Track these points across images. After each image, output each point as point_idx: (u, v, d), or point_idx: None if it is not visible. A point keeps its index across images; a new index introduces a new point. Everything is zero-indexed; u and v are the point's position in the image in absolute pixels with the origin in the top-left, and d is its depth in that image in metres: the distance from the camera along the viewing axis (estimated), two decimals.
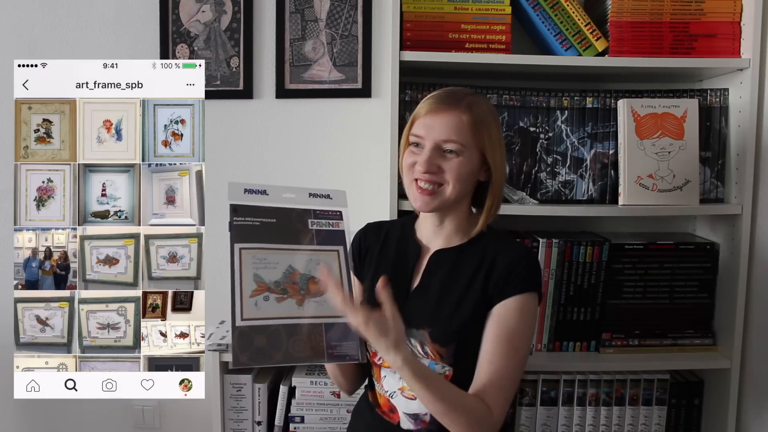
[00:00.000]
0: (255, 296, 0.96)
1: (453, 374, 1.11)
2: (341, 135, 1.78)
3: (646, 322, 1.59)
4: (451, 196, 1.12)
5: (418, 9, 1.53)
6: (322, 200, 1.09)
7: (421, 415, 1.14)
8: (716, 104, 1.61)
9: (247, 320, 0.95)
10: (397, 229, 1.26)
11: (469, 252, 1.16)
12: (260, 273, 0.98)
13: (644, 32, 1.54)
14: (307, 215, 1.06)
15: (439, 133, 1.10)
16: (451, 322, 1.10)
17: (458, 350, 1.09)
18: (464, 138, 1.10)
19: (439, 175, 1.10)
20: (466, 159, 1.11)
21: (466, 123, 1.10)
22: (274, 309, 0.97)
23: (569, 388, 1.58)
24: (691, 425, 1.64)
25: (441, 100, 1.12)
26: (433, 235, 1.19)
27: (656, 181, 1.55)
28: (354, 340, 1.01)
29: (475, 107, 1.12)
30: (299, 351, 0.97)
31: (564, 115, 1.60)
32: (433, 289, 1.15)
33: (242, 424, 1.56)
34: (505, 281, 1.09)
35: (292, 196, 1.06)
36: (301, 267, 1.02)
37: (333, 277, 0.99)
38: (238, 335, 0.93)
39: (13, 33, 1.76)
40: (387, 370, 1.16)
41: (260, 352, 0.94)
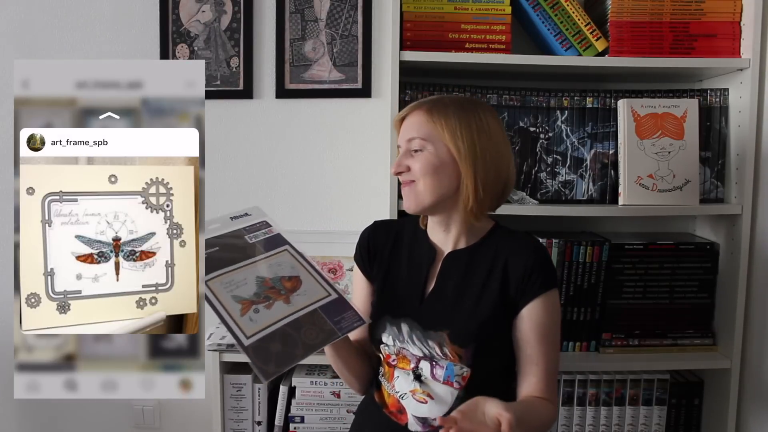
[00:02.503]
0: (245, 313, 1.00)
1: (471, 375, 1.12)
2: (341, 135, 1.78)
3: (646, 322, 1.59)
4: (424, 190, 1.13)
5: (418, 9, 1.53)
6: (244, 218, 1.16)
7: (430, 419, 1.14)
8: (716, 104, 1.61)
9: (253, 336, 0.97)
10: (408, 231, 1.26)
11: (481, 252, 1.17)
12: (237, 293, 1.02)
13: (644, 32, 1.54)
14: (241, 233, 1.13)
15: (404, 135, 1.17)
16: (470, 322, 1.11)
17: (477, 351, 1.10)
18: (424, 132, 1.13)
19: (408, 173, 1.15)
20: (429, 152, 1.13)
21: (423, 119, 1.14)
22: (269, 316, 1.01)
23: (569, 388, 1.58)
24: (691, 425, 1.64)
25: (409, 107, 1.18)
26: (444, 240, 1.20)
27: (656, 181, 1.55)
28: (350, 309, 1.07)
29: (437, 103, 1.15)
30: (314, 338, 1.00)
31: (564, 115, 1.60)
32: (449, 291, 1.16)
33: (242, 424, 1.56)
34: (526, 284, 1.12)
35: (217, 225, 1.12)
36: (267, 273, 1.07)
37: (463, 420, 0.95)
38: (253, 352, 0.96)
39: (13, 33, 1.76)
40: (400, 371, 1.17)
41: (281, 356, 0.96)
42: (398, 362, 1.17)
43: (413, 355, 1.15)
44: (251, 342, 0.96)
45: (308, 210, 1.80)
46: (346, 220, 1.80)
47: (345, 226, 1.78)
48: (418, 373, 1.15)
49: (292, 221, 1.77)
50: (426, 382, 1.14)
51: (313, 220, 1.80)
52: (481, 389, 1.09)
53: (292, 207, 1.80)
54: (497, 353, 1.15)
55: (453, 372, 1.12)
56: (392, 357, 1.18)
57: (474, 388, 1.12)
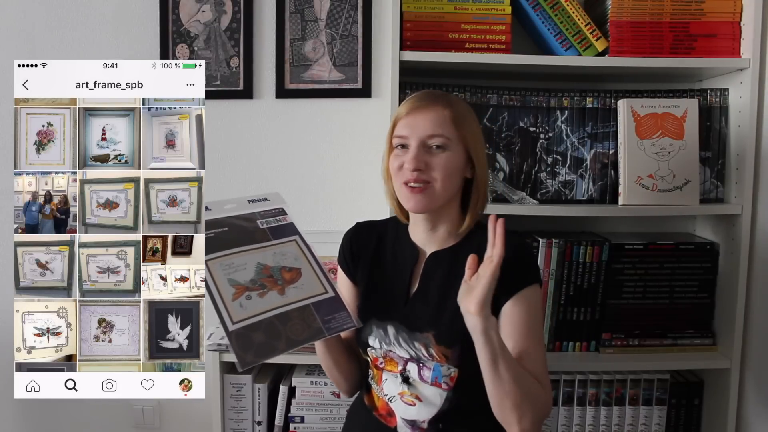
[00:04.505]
0: (237, 298, 0.98)
1: (458, 375, 1.11)
2: (341, 135, 1.78)
3: (646, 322, 1.59)
4: (441, 192, 1.11)
5: (418, 9, 1.53)
6: (262, 203, 1.15)
7: (418, 421, 1.14)
8: (716, 104, 1.61)
9: (239, 322, 0.96)
10: (390, 231, 1.25)
11: (463, 252, 1.15)
12: (233, 277, 1.01)
13: (644, 32, 1.54)
14: (254, 217, 1.12)
15: (423, 130, 1.11)
16: (455, 322, 1.10)
17: (463, 350, 1.09)
18: (449, 132, 1.11)
19: (427, 172, 1.10)
20: (452, 153, 1.11)
21: (448, 117, 1.11)
22: (260, 304, 0.99)
23: (569, 388, 1.58)
24: (691, 425, 1.64)
25: (420, 99, 1.14)
26: (428, 239, 1.19)
27: (656, 181, 1.55)
28: (343, 310, 1.04)
29: (455, 104, 1.14)
30: (298, 334, 0.98)
31: (564, 115, 1.60)
32: (433, 292, 1.15)
33: (242, 424, 1.56)
34: (507, 280, 1.09)
35: (233, 206, 1.11)
36: (269, 261, 1.05)
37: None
38: (235, 338, 0.94)
39: (13, 33, 1.76)
40: (388, 374, 1.17)
41: (262, 346, 0.95)
42: (386, 365, 1.16)
43: (400, 357, 1.14)
44: (235, 328, 0.95)
45: (308, 210, 1.80)
46: (346, 220, 1.78)
47: (345, 226, 1.76)
48: (406, 375, 1.14)
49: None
50: (414, 384, 1.14)
51: (313, 220, 1.80)
52: (469, 389, 1.09)
53: (291, 207, 1.77)
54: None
55: (440, 373, 1.11)
56: (379, 360, 1.17)
57: (462, 387, 1.11)
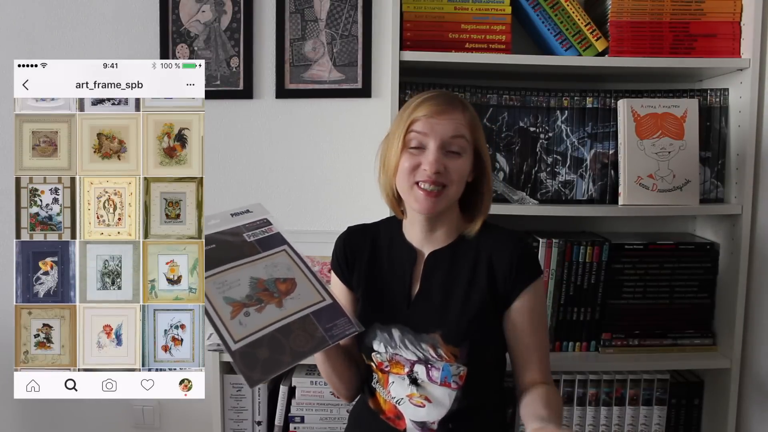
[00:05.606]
0: (235, 316, 0.97)
1: (468, 373, 1.12)
2: (341, 135, 1.78)
3: (646, 322, 1.59)
4: (453, 197, 1.12)
5: (418, 9, 1.53)
6: (245, 215, 1.13)
7: (428, 423, 1.14)
8: (716, 104, 1.61)
9: (241, 341, 0.95)
10: (384, 233, 1.24)
11: (462, 249, 1.16)
12: (228, 294, 0.99)
13: (644, 32, 1.54)
14: (240, 231, 1.10)
15: (445, 133, 1.10)
16: (462, 320, 1.11)
17: (472, 348, 1.10)
18: (467, 136, 1.12)
19: (445, 175, 1.10)
20: (466, 158, 1.12)
21: (466, 122, 1.12)
22: (259, 320, 0.98)
23: (569, 388, 1.58)
24: (691, 425, 1.64)
25: (441, 102, 1.12)
26: (425, 239, 1.18)
27: (656, 181, 1.55)
28: (344, 316, 1.03)
29: (468, 107, 1.15)
30: (302, 345, 0.97)
31: (564, 115, 1.60)
32: (435, 292, 1.15)
33: (242, 424, 1.56)
34: (514, 279, 1.12)
35: (217, 221, 1.09)
36: (262, 274, 1.04)
37: None
38: (240, 357, 0.93)
39: (13, 33, 1.76)
40: (395, 377, 1.16)
41: (268, 362, 0.94)
42: (391, 368, 1.16)
43: (407, 360, 1.14)
44: (239, 347, 0.94)
45: (308, 210, 1.80)
46: (346, 220, 1.78)
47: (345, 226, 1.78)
48: (414, 377, 1.14)
49: (291, 221, 1.77)
50: (423, 385, 1.14)
51: (313, 220, 1.80)
52: (478, 386, 1.10)
53: (291, 207, 1.80)
54: (490, 348, 1.15)
55: (450, 372, 1.12)
56: (385, 363, 1.16)
57: (471, 386, 1.12)
